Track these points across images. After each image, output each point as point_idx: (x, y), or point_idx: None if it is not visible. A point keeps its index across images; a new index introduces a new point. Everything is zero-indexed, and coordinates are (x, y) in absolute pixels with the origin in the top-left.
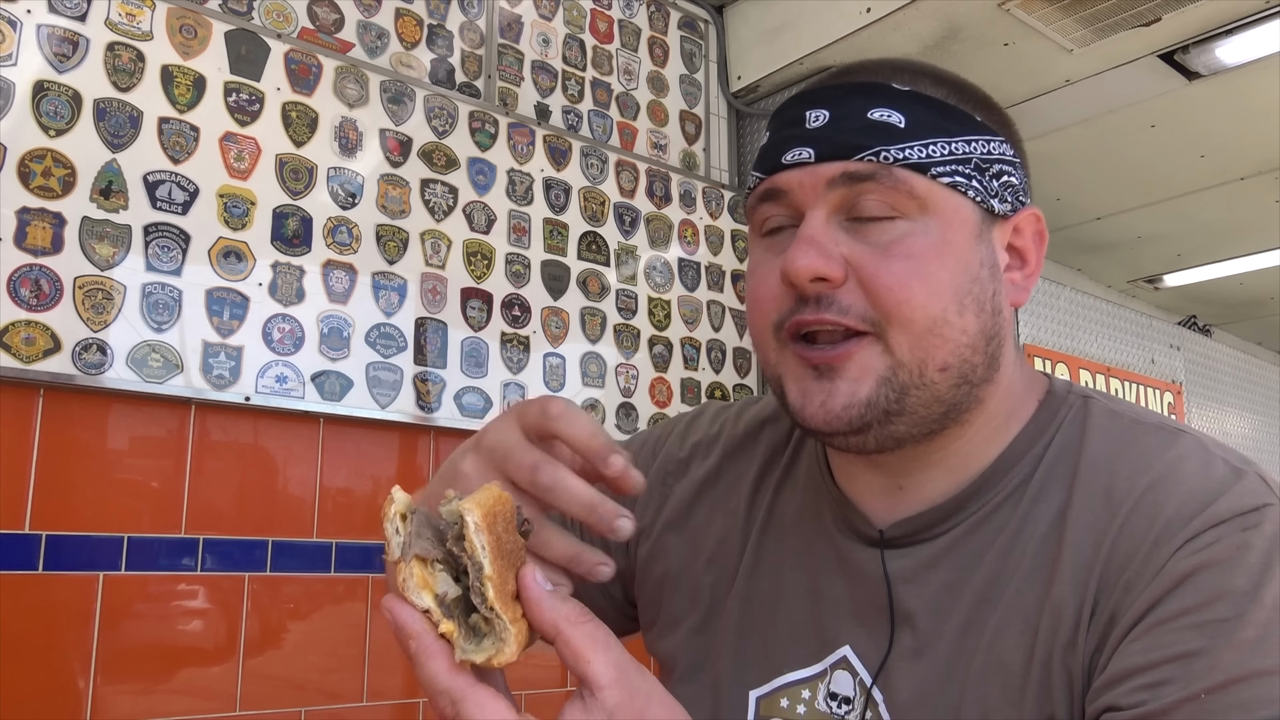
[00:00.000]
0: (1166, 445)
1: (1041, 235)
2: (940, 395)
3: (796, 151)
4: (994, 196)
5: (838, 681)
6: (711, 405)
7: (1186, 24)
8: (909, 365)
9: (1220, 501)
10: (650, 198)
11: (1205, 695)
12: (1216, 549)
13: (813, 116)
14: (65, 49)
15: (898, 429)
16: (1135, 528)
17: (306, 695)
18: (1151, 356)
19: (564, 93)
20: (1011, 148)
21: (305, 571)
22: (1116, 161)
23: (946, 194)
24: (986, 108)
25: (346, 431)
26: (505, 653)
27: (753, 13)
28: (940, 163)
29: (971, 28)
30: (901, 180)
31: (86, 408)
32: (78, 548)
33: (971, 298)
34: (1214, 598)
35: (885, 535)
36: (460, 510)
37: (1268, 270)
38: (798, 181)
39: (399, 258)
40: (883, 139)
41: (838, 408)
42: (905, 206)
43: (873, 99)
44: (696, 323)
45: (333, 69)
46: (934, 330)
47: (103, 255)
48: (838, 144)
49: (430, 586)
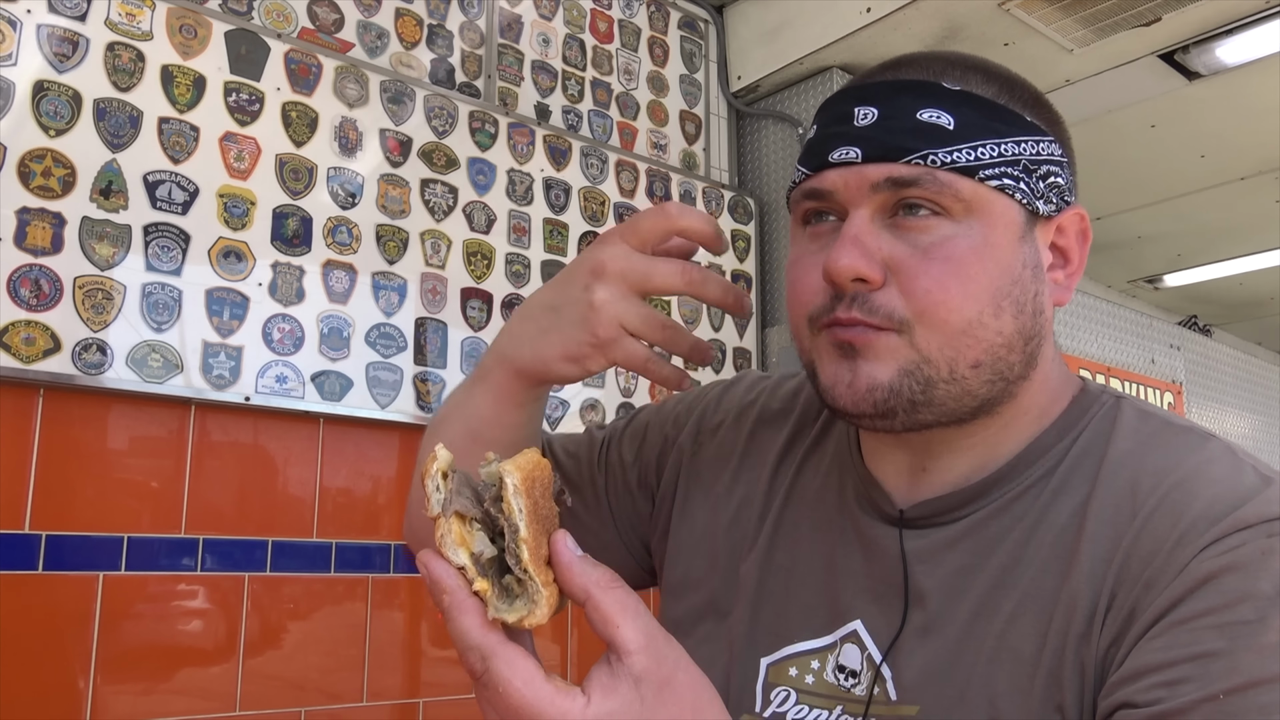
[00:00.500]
0: (1195, 448)
1: (1085, 234)
2: (972, 390)
3: (843, 150)
4: (1040, 198)
5: (846, 654)
6: (750, 374)
7: (1186, 24)
8: (936, 362)
9: (1247, 507)
10: (650, 198)
11: (1224, 696)
12: (1241, 552)
13: (861, 114)
14: (65, 49)
15: (925, 417)
16: (1158, 525)
17: (306, 695)
18: (1151, 356)
19: (564, 93)
20: (1060, 147)
21: (305, 571)
22: (1116, 161)
23: (993, 196)
24: (1037, 105)
25: (346, 431)
26: (536, 614)
27: (753, 13)
28: (989, 164)
29: (971, 28)
30: (948, 184)
31: (86, 408)
32: (78, 548)
33: (1010, 299)
34: (1237, 600)
35: (905, 515)
36: (500, 472)
37: (1268, 270)
38: (843, 181)
39: (399, 258)
40: (931, 141)
41: (862, 389)
42: (951, 208)
43: (922, 98)
44: (697, 323)
45: (333, 69)
46: (967, 331)
47: (103, 255)
48: (885, 145)
49: (467, 544)
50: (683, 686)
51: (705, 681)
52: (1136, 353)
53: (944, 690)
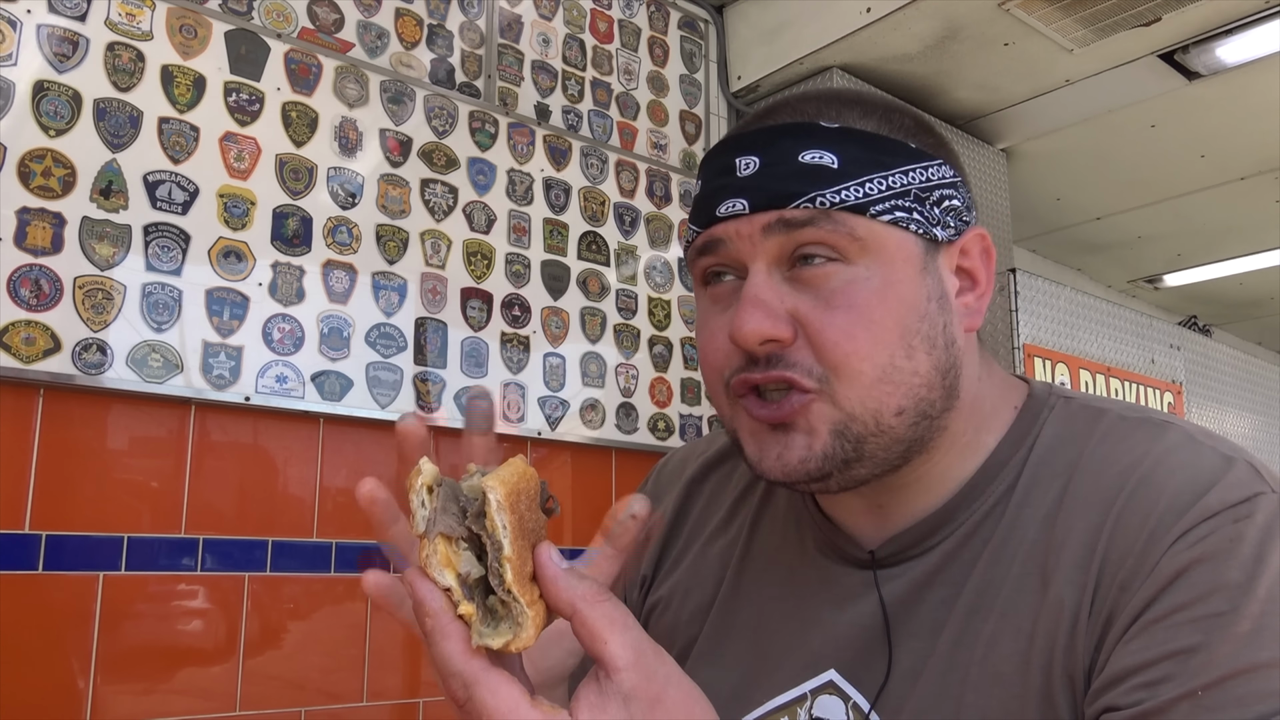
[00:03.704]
0: (1154, 438)
1: (989, 252)
2: (899, 436)
3: (730, 203)
4: (936, 224)
5: (823, 706)
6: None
7: (1186, 24)
8: (861, 417)
9: (1211, 494)
10: (650, 197)
11: (1202, 692)
12: (1209, 543)
13: (743, 164)
14: (65, 49)
15: (859, 473)
16: (1128, 525)
17: (306, 695)
18: (1151, 356)
19: (564, 93)
20: (951, 168)
21: (305, 571)
22: (1116, 161)
23: (888, 231)
24: (920, 131)
25: (346, 431)
26: (522, 637)
27: (753, 12)
28: (879, 199)
29: (971, 28)
30: (841, 223)
31: (86, 408)
32: (78, 548)
33: (920, 337)
34: (1208, 592)
35: (876, 556)
36: (483, 488)
37: (1268, 270)
38: (734, 231)
39: (399, 258)
40: (817, 182)
41: (794, 460)
42: (847, 249)
43: (801, 140)
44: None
45: (333, 69)
46: (884, 379)
47: (103, 255)
48: (771, 192)
49: (454, 565)
50: (674, 703)
51: (698, 696)
52: (1136, 353)
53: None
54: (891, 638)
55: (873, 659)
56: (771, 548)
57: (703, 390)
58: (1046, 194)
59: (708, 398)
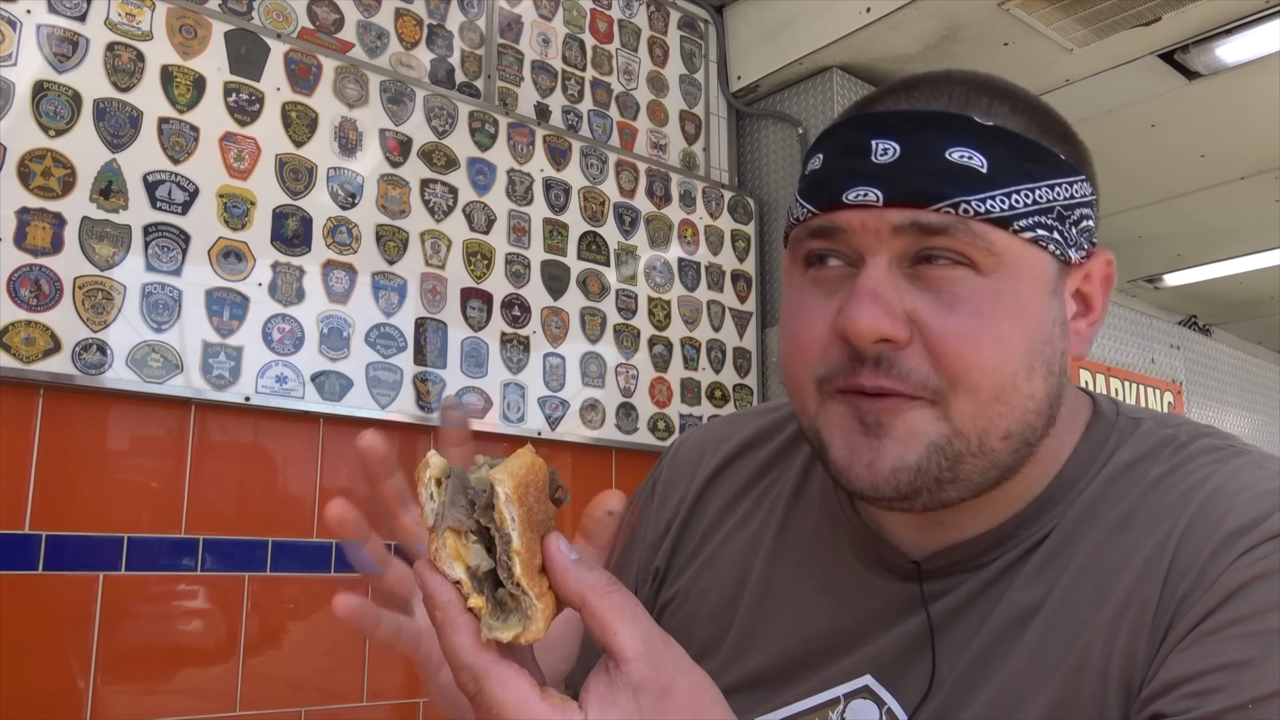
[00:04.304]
0: (1221, 462)
1: (1109, 279)
2: (999, 461)
3: (861, 190)
4: (1072, 246)
5: (855, 711)
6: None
7: (1186, 24)
8: (967, 434)
9: (1276, 516)
10: (650, 198)
11: (1253, 705)
12: (1270, 561)
13: (879, 148)
14: (65, 49)
15: (949, 495)
16: (1192, 540)
17: (306, 695)
18: (1151, 356)
19: (564, 93)
20: (1090, 185)
21: (305, 571)
22: (1116, 161)
23: (1025, 248)
24: (1068, 140)
25: (346, 431)
26: (531, 630)
27: (753, 12)
28: (1024, 214)
29: (971, 28)
30: (980, 235)
31: (86, 408)
32: (78, 548)
33: (1042, 360)
34: (1266, 609)
35: (924, 568)
36: (491, 480)
37: (1268, 270)
38: (859, 223)
39: (399, 258)
40: (963, 186)
41: (885, 470)
42: (982, 261)
43: (951, 135)
44: (696, 323)
45: (332, 69)
46: (1001, 398)
47: (103, 255)
48: (911, 188)
49: (463, 558)
50: (684, 694)
51: (708, 685)
52: (1136, 352)
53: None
54: (936, 649)
55: (913, 668)
56: (805, 548)
57: (703, 390)
58: None
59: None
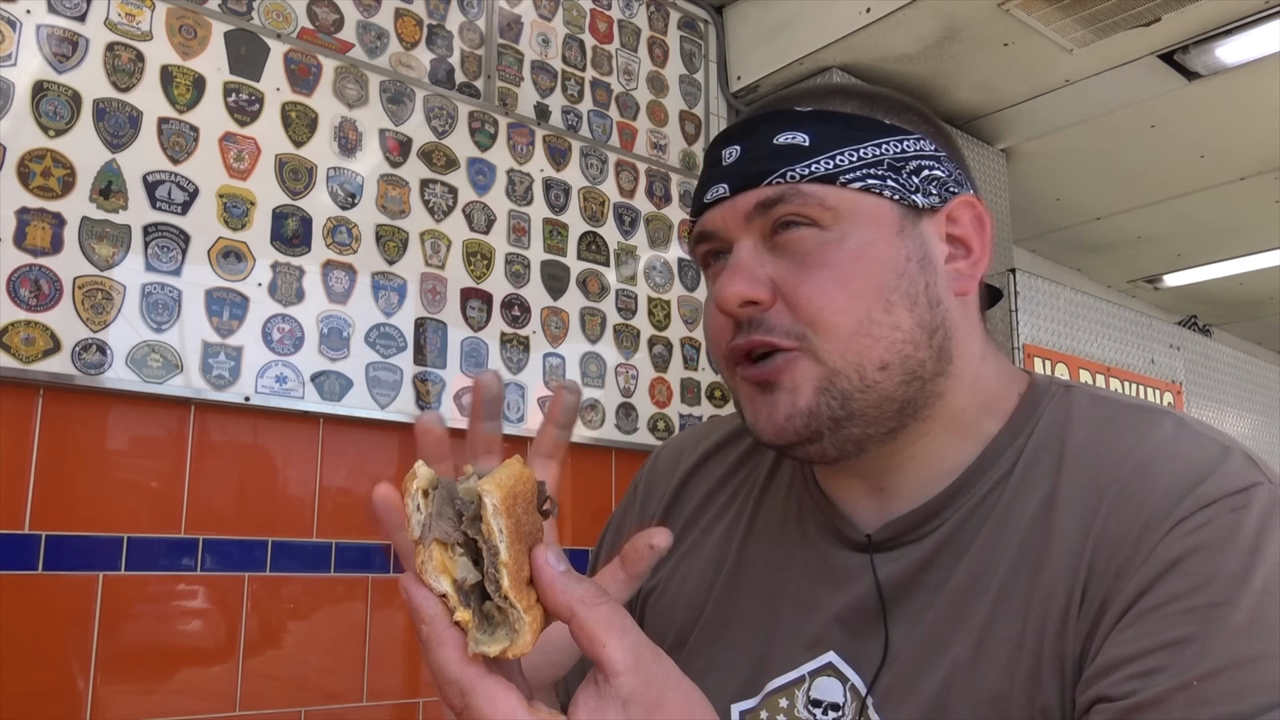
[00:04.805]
0: (1152, 425)
1: (981, 220)
2: (889, 394)
3: (715, 189)
4: (915, 191)
5: (821, 688)
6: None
7: (1186, 24)
8: (844, 371)
9: (1209, 482)
10: (650, 198)
11: (1197, 683)
12: (1206, 531)
13: (728, 154)
14: (65, 49)
15: (852, 432)
16: (1124, 512)
17: (306, 695)
18: (1151, 356)
19: (564, 93)
20: (932, 142)
21: (305, 571)
22: (1116, 161)
23: (859, 197)
24: (900, 110)
25: (346, 432)
26: (519, 644)
27: (753, 13)
28: (849, 169)
29: (971, 28)
30: (811, 195)
31: (86, 408)
32: (77, 548)
33: (899, 294)
34: (1205, 582)
35: (873, 539)
36: (479, 491)
37: (1268, 270)
38: (720, 218)
39: (399, 258)
40: (789, 159)
41: (780, 419)
42: (820, 217)
43: (777, 125)
44: (696, 323)
45: (332, 69)
46: (861, 331)
47: (102, 255)
48: (748, 174)
49: (449, 571)
50: (674, 707)
51: (698, 698)
52: (1136, 353)
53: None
54: (888, 621)
55: (870, 642)
56: (773, 530)
57: (703, 390)
58: (1046, 194)
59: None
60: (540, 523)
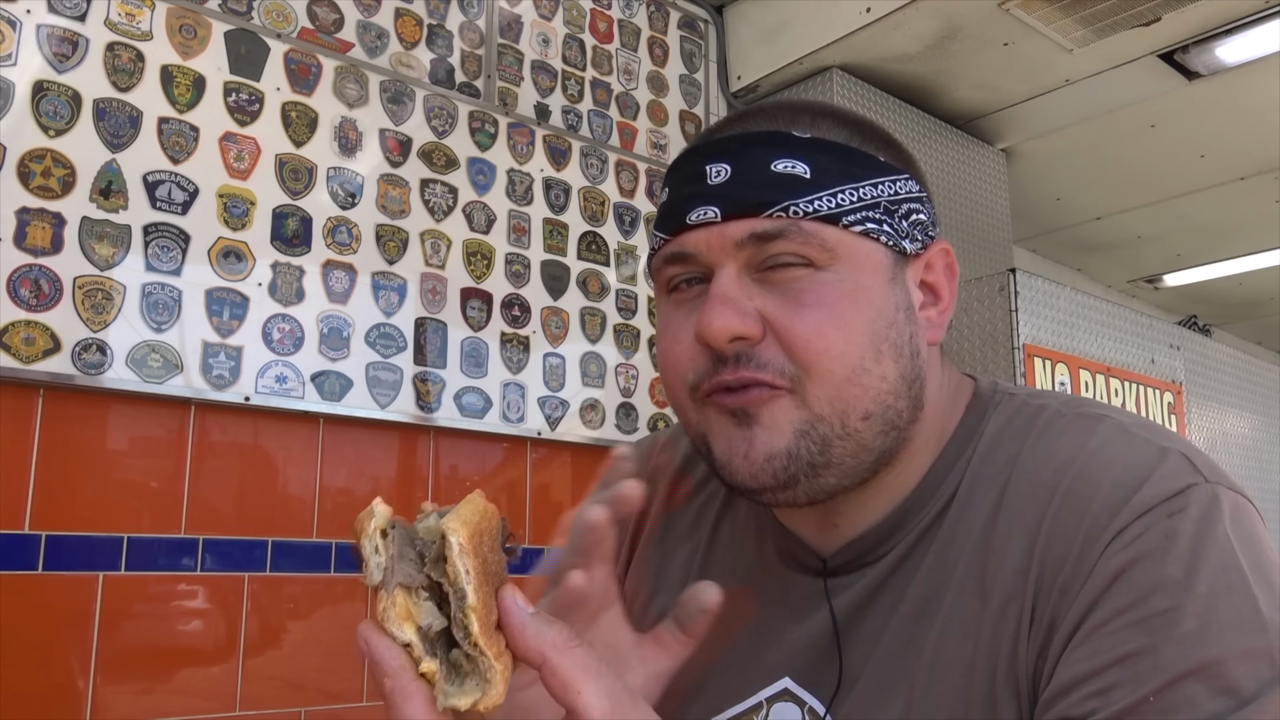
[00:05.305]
0: (1087, 432)
1: (952, 268)
2: (867, 444)
3: (701, 210)
4: (905, 238)
5: (779, 714)
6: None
7: (1186, 24)
8: (829, 418)
9: (1144, 489)
10: (650, 198)
11: (1154, 697)
12: (1144, 541)
13: (713, 171)
14: (65, 49)
15: (827, 481)
16: (1064, 525)
17: (306, 695)
18: (1151, 356)
19: (564, 93)
20: (917, 183)
21: (305, 571)
22: (1116, 161)
23: (858, 241)
24: (890, 146)
25: (346, 431)
26: (491, 695)
27: (753, 13)
28: (851, 210)
29: (971, 28)
30: (813, 234)
31: (86, 408)
32: (77, 548)
33: (889, 343)
34: (1148, 592)
35: (829, 565)
36: (443, 530)
37: (1268, 270)
38: (705, 243)
39: (399, 258)
40: (790, 191)
41: (759, 457)
42: (817, 257)
43: (774, 149)
44: None
45: (332, 69)
46: (853, 379)
47: (102, 255)
48: (744, 200)
49: (413, 618)
50: None
51: None
52: (1136, 353)
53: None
54: (842, 645)
55: (825, 666)
56: (733, 554)
57: None
58: (1046, 194)
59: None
60: (503, 561)
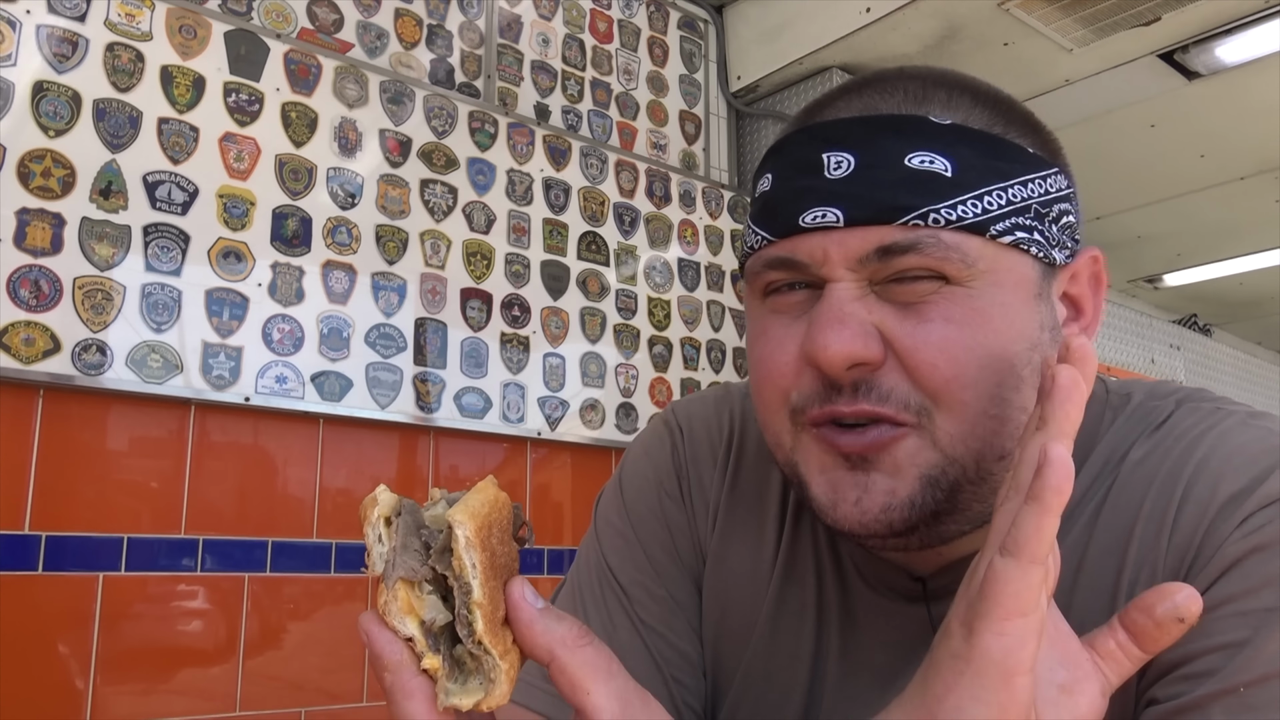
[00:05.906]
0: (1209, 425)
1: (1099, 278)
2: (998, 487)
3: (819, 212)
4: (1055, 245)
5: None
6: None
7: (1186, 24)
8: (962, 460)
9: (1272, 479)
10: (650, 198)
11: (1244, 689)
12: (1265, 532)
13: (833, 162)
14: (65, 49)
15: (948, 529)
16: (1188, 516)
17: (306, 695)
18: (1151, 356)
19: (563, 93)
20: (1065, 178)
21: (305, 572)
22: (1116, 161)
23: (1005, 254)
24: (1036, 130)
25: (346, 432)
26: (495, 694)
27: (752, 13)
28: (999, 216)
29: (971, 28)
30: (953, 247)
31: (86, 408)
32: (77, 548)
33: (1031, 368)
34: (1260, 585)
35: (929, 587)
36: (450, 520)
37: (1268, 270)
38: (823, 252)
39: (399, 258)
40: (929, 195)
41: (875, 509)
42: (957, 274)
43: (909, 138)
44: (696, 323)
45: (332, 69)
46: (990, 413)
47: (102, 255)
48: (872, 203)
49: (416, 611)
50: None
51: None
52: (1136, 352)
53: None
54: None
55: None
56: (812, 570)
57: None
58: None
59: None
60: (514, 552)
